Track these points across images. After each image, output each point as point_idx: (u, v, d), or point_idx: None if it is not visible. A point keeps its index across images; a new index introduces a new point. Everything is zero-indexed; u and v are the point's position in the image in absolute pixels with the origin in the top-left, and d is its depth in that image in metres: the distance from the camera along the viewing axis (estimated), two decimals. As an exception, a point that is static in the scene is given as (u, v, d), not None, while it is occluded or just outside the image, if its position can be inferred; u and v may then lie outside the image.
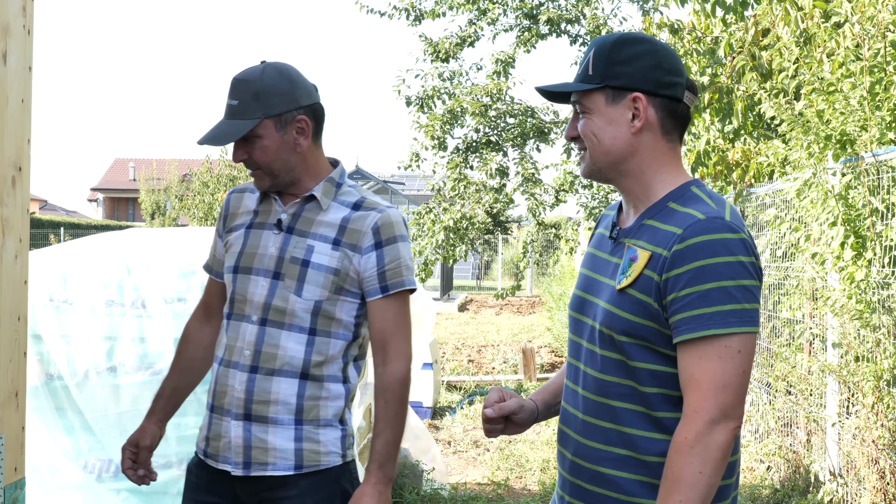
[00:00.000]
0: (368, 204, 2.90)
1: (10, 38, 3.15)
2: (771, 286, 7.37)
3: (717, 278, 2.05)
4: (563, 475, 2.35)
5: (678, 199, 2.21)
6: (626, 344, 2.16)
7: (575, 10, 10.66)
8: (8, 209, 3.15)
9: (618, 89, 2.22)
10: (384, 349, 2.86)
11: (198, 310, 3.18)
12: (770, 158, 6.32)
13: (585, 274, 2.39)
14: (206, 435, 2.92)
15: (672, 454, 2.05)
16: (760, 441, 7.50)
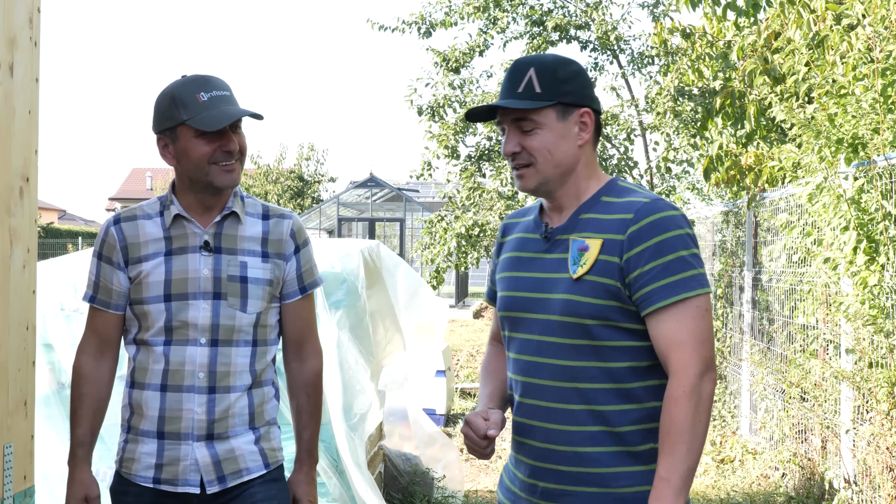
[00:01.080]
0: (274, 211, 3.00)
1: (17, 50, 3.16)
2: (787, 292, 7.33)
3: (673, 250, 2.30)
4: (527, 464, 2.46)
5: (609, 193, 2.45)
6: (592, 327, 2.34)
7: (585, 15, 10.63)
8: (16, 219, 3.16)
9: (567, 105, 2.42)
10: (301, 346, 3.03)
11: (88, 346, 2.99)
12: (782, 163, 6.28)
13: (517, 276, 2.52)
14: (154, 462, 2.86)
15: (670, 408, 2.25)
16: (775, 448, 7.46)
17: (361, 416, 4.85)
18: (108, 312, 2.95)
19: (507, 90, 2.44)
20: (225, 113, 2.78)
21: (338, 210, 30.28)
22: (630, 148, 10.47)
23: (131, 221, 2.93)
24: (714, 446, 8.66)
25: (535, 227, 2.54)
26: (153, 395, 2.85)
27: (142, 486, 2.88)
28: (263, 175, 36.00)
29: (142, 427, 2.88)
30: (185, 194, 2.90)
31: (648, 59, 10.65)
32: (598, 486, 2.35)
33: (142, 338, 2.88)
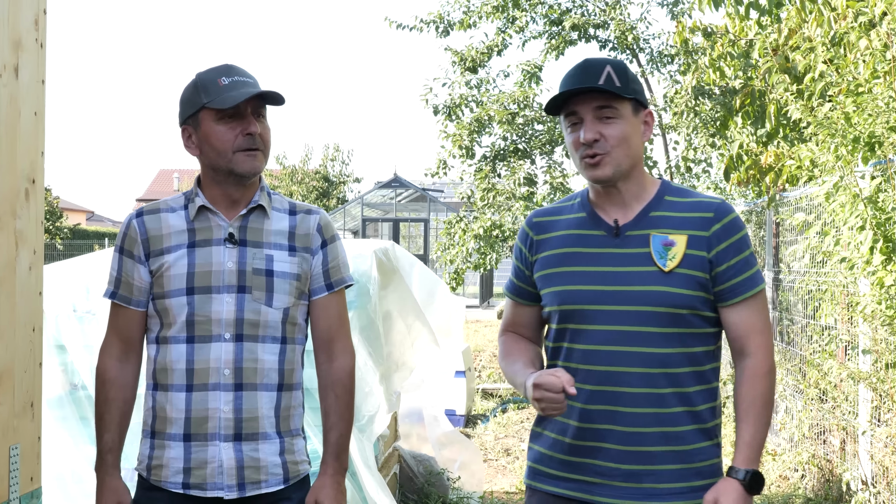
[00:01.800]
0: (301, 207, 2.97)
1: (23, 52, 3.18)
2: (808, 292, 7.26)
3: (748, 246, 2.60)
4: (609, 449, 2.59)
5: (669, 193, 2.67)
6: (684, 315, 2.56)
7: (603, 14, 10.59)
8: (22, 221, 3.17)
9: (639, 103, 2.63)
10: (330, 345, 2.96)
11: (112, 347, 2.94)
12: (800, 162, 6.22)
13: (581, 270, 2.65)
14: (182, 467, 2.80)
15: (756, 383, 2.57)
16: (794, 449, 7.39)
17: (370, 417, 4.84)
18: (130, 309, 2.90)
19: (587, 81, 2.56)
20: (243, 91, 2.76)
21: (362, 210, 30.34)
22: (649, 147, 10.40)
23: (154, 214, 2.90)
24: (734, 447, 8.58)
25: (592, 223, 2.69)
26: (178, 396, 2.79)
27: (171, 494, 2.82)
28: (289, 176, 36.14)
29: (168, 431, 2.82)
30: (210, 187, 2.87)
31: (668, 58, 10.59)
32: (683, 462, 2.57)
33: (164, 335, 2.83)
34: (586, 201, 2.73)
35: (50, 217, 36.35)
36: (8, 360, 3.09)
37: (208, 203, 2.85)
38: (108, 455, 2.90)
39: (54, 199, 37.63)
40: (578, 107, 2.59)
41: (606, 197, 2.67)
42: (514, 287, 2.87)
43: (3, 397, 3.07)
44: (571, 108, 2.60)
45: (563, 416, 2.63)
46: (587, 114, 2.57)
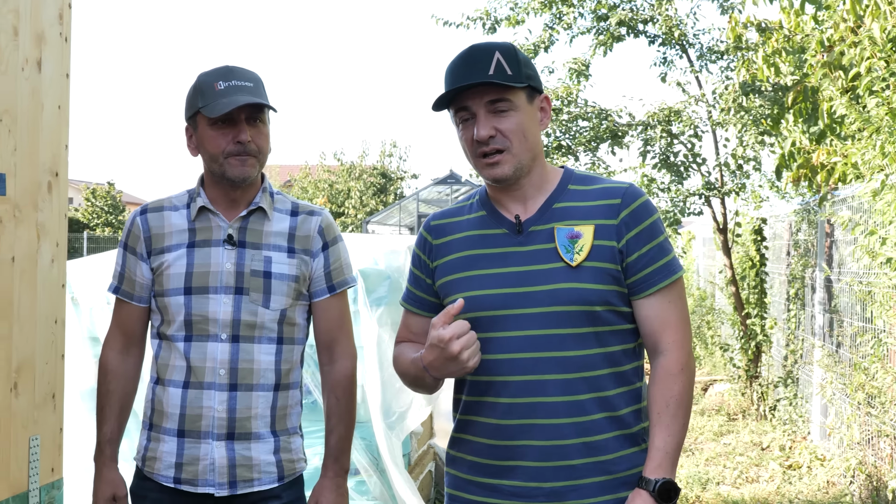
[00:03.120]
0: (304, 208, 2.94)
1: (46, 46, 3.20)
2: (859, 293, 7.10)
3: (661, 232, 2.40)
4: (526, 467, 2.34)
5: (573, 181, 2.46)
6: (598, 312, 2.33)
7: (651, 9, 10.44)
8: (44, 214, 3.20)
9: (533, 89, 2.40)
10: (331, 347, 2.95)
11: (114, 340, 2.97)
12: (846, 160, 6.07)
13: (485, 273, 2.40)
14: (174, 461, 2.81)
15: (669, 383, 2.33)
16: (843, 454, 7.23)
17: (400, 414, 4.81)
18: (132, 304, 2.93)
19: (475, 72, 2.32)
20: (232, 100, 2.73)
21: (418, 207, 30.36)
22: (698, 144, 10.24)
23: (157, 212, 2.91)
24: (783, 451, 8.44)
25: (493, 221, 2.46)
26: (175, 391, 2.81)
27: (162, 486, 2.84)
28: (346, 171, 36.29)
29: (164, 425, 2.84)
30: (211, 187, 2.88)
31: (718, 54, 10.40)
32: (606, 473, 2.34)
33: (164, 332, 2.85)
34: (485, 198, 2.50)
35: (113, 211, 36.98)
36: (28, 352, 3.12)
37: (209, 204, 2.86)
38: (106, 446, 2.93)
39: (117, 193, 38.26)
40: (469, 101, 2.35)
41: (505, 192, 2.44)
42: (411, 297, 2.64)
43: (23, 388, 3.09)
44: (461, 104, 2.36)
45: (476, 434, 2.42)
46: (479, 108, 2.34)
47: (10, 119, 3.00)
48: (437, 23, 11.14)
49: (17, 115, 3.04)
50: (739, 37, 9.66)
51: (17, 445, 3.07)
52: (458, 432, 2.51)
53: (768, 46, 8.84)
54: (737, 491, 7.32)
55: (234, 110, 2.75)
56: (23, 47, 3.07)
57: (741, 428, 9.63)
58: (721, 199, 10.44)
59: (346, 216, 34.07)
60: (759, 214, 10.69)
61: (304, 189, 35.32)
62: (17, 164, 3.04)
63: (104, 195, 38.60)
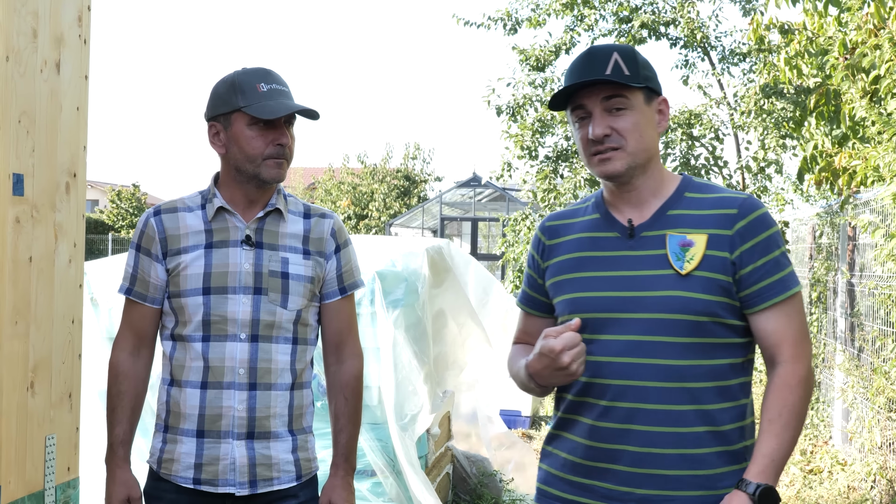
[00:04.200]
0: (315, 210, 2.97)
1: (65, 48, 3.23)
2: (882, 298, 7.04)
3: (778, 246, 2.34)
4: (620, 471, 2.34)
5: (690, 189, 2.42)
6: (704, 323, 2.29)
7: (673, 12, 10.41)
8: (62, 214, 3.22)
9: (651, 91, 2.40)
10: (340, 348, 2.98)
11: (124, 341, 2.96)
12: (866, 163, 6.02)
13: (595, 276, 2.41)
14: (194, 462, 2.82)
15: (785, 394, 2.28)
16: (864, 459, 7.17)
17: (412, 416, 4.82)
18: (145, 306, 2.92)
19: (592, 71, 2.35)
20: (282, 104, 2.77)
21: (441, 209, 30.37)
22: (720, 147, 10.20)
23: (171, 213, 2.91)
24: (804, 456, 8.38)
25: (605, 224, 2.46)
26: (193, 392, 2.81)
27: (180, 487, 2.84)
28: (370, 174, 36.36)
29: (181, 426, 2.84)
30: (229, 186, 2.88)
31: (740, 56, 10.36)
32: (705, 488, 2.30)
33: (179, 333, 2.86)
34: (601, 201, 2.51)
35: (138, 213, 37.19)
36: (45, 352, 3.14)
37: (227, 204, 2.86)
38: (119, 447, 2.93)
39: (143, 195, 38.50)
40: (585, 100, 2.37)
41: (621, 195, 2.43)
42: (526, 298, 2.67)
43: (40, 388, 3.12)
44: (578, 102, 2.38)
45: (574, 433, 2.43)
46: (595, 107, 2.36)
47: (28, 120, 3.02)
48: (458, 22, 11.16)
49: (36, 117, 3.07)
50: (761, 38, 9.60)
51: (33, 444, 3.09)
52: (557, 429, 2.52)
53: (791, 48, 8.79)
54: (757, 495, 7.27)
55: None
56: (42, 49, 3.09)
57: (762, 432, 9.56)
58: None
59: (370, 218, 34.14)
60: (782, 218, 10.63)
61: (328, 191, 35.40)
62: (35, 164, 3.07)
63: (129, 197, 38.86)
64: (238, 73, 2.87)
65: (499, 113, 10.86)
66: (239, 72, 2.87)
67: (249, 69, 2.87)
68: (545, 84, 10.87)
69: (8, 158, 2.93)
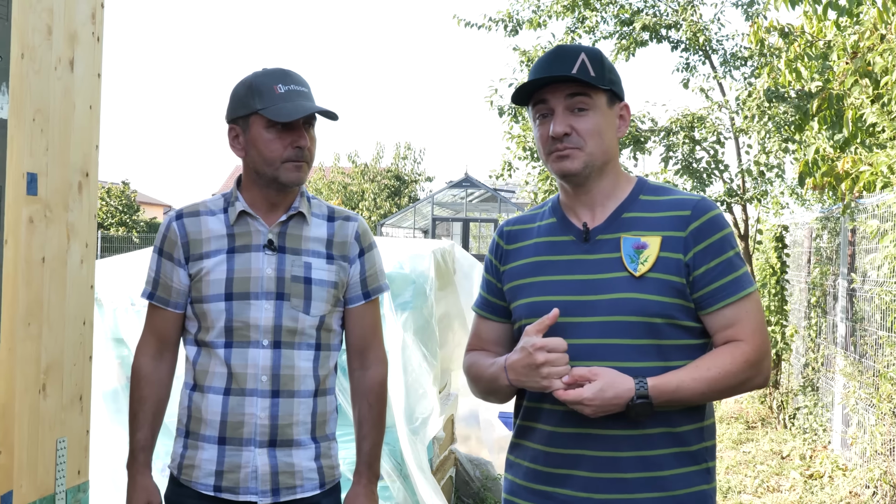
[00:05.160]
0: (339, 213, 2.92)
1: (78, 46, 3.18)
2: (884, 303, 7.04)
3: (732, 247, 2.35)
4: (581, 477, 2.33)
5: (645, 192, 2.44)
6: (659, 325, 2.29)
7: (675, 15, 10.40)
8: (74, 214, 3.17)
9: (614, 95, 2.41)
10: (364, 354, 2.93)
11: (147, 346, 2.93)
12: (875, 168, 6.01)
13: (551, 280, 2.40)
14: (215, 469, 2.77)
15: (726, 357, 2.27)
16: (866, 465, 7.16)
17: (423, 420, 4.78)
18: (167, 311, 2.88)
19: (558, 68, 2.34)
20: (299, 106, 2.72)
21: (432, 210, 30.38)
22: (721, 151, 10.20)
23: (194, 217, 2.86)
24: (803, 460, 8.37)
25: (561, 228, 2.45)
26: (215, 398, 2.77)
27: (201, 494, 2.80)
28: (361, 173, 36.33)
29: (202, 432, 2.79)
30: (251, 190, 2.84)
31: (742, 59, 10.36)
32: (662, 490, 2.30)
33: (202, 339, 2.81)
34: (557, 205, 2.51)
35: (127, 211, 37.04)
36: (57, 353, 3.09)
37: (249, 208, 2.82)
38: (140, 453, 2.89)
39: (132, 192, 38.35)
40: (549, 96, 2.36)
41: (576, 198, 2.44)
42: (482, 302, 2.64)
43: (51, 390, 3.07)
44: (541, 97, 2.37)
45: (533, 440, 2.41)
46: (558, 105, 2.35)
47: (42, 118, 2.98)
48: (458, 23, 11.14)
49: (50, 115, 3.02)
50: (762, 41, 9.60)
51: (45, 447, 3.05)
52: (518, 438, 2.51)
53: (791, 51, 8.78)
54: (758, 500, 7.26)
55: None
56: (56, 47, 3.05)
57: (761, 436, 9.57)
58: (743, 206, 10.40)
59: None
60: (781, 222, 10.64)
61: (319, 191, 35.35)
62: (48, 163, 3.02)
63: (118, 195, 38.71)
64: (256, 74, 2.82)
65: (501, 113, 10.84)
66: (257, 73, 2.83)
67: (268, 70, 2.83)
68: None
69: (22, 157, 2.88)
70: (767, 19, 9.66)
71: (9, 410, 2.86)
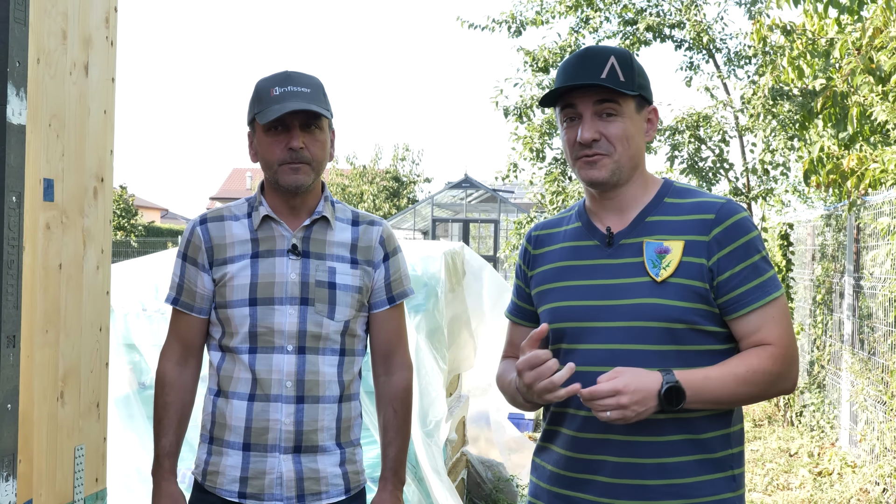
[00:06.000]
0: (363, 217, 2.90)
1: (93, 50, 3.16)
2: (891, 299, 7.03)
3: (758, 251, 2.30)
4: (600, 483, 2.32)
5: (670, 194, 2.40)
6: (679, 331, 2.26)
7: (679, 14, 10.39)
8: (90, 220, 3.15)
9: (643, 99, 2.39)
10: (389, 359, 2.91)
11: (171, 352, 2.92)
12: (883, 165, 5.99)
13: (575, 285, 2.40)
14: (239, 476, 2.76)
15: (762, 357, 2.23)
16: (876, 461, 7.16)
17: (437, 422, 4.77)
18: (192, 316, 2.86)
19: (587, 73, 2.31)
20: (284, 106, 2.68)
21: (432, 211, 30.36)
22: (726, 150, 10.20)
23: (218, 222, 2.85)
24: (811, 458, 8.36)
25: (586, 233, 2.45)
26: (240, 404, 2.75)
27: (226, 500, 2.78)
28: (359, 175, 36.31)
29: (226, 438, 2.78)
30: (272, 195, 2.83)
31: (745, 58, 10.36)
32: (683, 497, 2.27)
33: (227, 344, 2.80)
34: (582, 210, 2.50)
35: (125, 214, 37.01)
36: (74, 360, 3.08)
37: (272, 213, 2.80)
38: (164, 460, 2.87)
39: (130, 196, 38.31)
40: (577, 101, 2.34)
41: (601, 203, 2.42)
42: (514, 308, 2.65)
43: (69, 397, 3.05)
44: (569, 101, 2.35)
45: (557, 444, 2.42)
46: (586, 110, 2.33)
47: (58, 123, 2.96)
48: (462, 25, 11.13)
49: (65, 120, 3.00)
50: (764, 39, 9.59)
51: (63, 455, 3.03)
52: (543, 441, 2.51)
53: (794, 49, 8.77)
54: (769, 498, 7.26)
55: (287, 117, 2.70)
56: (71, 51, 3.03)
57: (768, 434, 9.57)
58: (748, 205, 10.40)
59: (360, 220, 34.08)
60: (786, 219, 10.63)
61: (317, 193, 35.30)
62: (64, 169, 3.00)
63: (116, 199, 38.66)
64: (262, 78, 2.81)
65: (506, 114, 10.83)
66: (262, 78, 2.81)
67: (273, 74, 2.81)
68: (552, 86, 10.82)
69: (39, 163, 2.86)
70: (770, 17, 9.65)
71: (28, 418, 2.84)
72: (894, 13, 6.87)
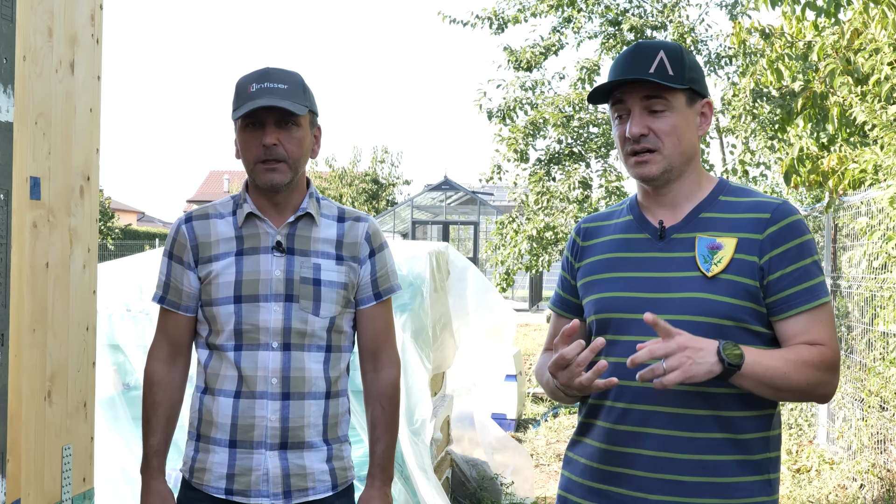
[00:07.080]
0: (349, 214, 2.89)
1: (79, 48, 3.15)
2: (867, 298, 7.10)
3: (810, 254, 2.28)
4: (634, 476, 2.31)
5: (725, 192, 2.39)
6: (728, 327, 2.24)
7: (661, 16, 10.45)
8: (76, 219, 3.14)
9: (695, 93, 2.36)
10: (376, 355, 2.91)
11: (159, 350, 2.92)
12: (862, 165, 6.06)
13: (624, 276, 2.39)
14: (226, 472, 2.76)
15: (813, 351, 2.21)
16: (853, 458, 7.22)
17: (423, 421, 4.78)
18: (178, 314, 2.86)
19: (636, 69, 2.31)
20: (255, 104, 2.67)
21: (412, 213, 30.38)
22: (705, 150, 10.26)
23: (203, 220, 2.84)
24: (790, 455, 8.42)
25: (638, 226, 2.44)
26: (226, 401, 2.75)
27: (213, 497, 2.78)
28: (338, 178, 36.25)
29: (213, 435, 2.78)
30: (255, 192, 2.82)
31: (726, 59, 10.43)
32: (719, 496, 2.25)
33: (213, 342, 2.80)
34: (634, 204, 2.50)
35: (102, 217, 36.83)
36: (62, 360, 3.07)
37: (256, 210, 2.80)
38: (153, 458, 2.87)
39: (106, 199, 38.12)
40: (625, 96, 2.34)
41: (655, 198, 2.42)
42: (558, 300, 2.65)
43: (57, 397, 3.04)
44: (618, 97, 2.35)
45: (591, 437, 2.41)
46: (635, 105, 2.33)
47: (44, 122, 2.95)
48: (443, 20, 11.13)
49: (52, 118, 2.99)
50: (743, 42, 9.66)
51: (51, 455, 3.02)
52: (578, 434, 2.50)
53: (772, 52, 8.84)
54: (749, 497, 7.29)
55: (262, 113, 2.69)
56: (57, 49, 3.02)
57: (747, 433, 9.62)
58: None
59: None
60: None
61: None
62: (51, 167, 2.99)
63: (95, 201, 38.45)
64: (242, 77, 2.81)
65: (490, 117, 10.83)
66: (243, 76, 2.81)
67: (252, 72, 2.80)
68: (535, 86, 10.86)
69: (25, 161, 2.85)
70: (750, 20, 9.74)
71: (16, 418, 2.83)
72: (870, 16, 6.93)
